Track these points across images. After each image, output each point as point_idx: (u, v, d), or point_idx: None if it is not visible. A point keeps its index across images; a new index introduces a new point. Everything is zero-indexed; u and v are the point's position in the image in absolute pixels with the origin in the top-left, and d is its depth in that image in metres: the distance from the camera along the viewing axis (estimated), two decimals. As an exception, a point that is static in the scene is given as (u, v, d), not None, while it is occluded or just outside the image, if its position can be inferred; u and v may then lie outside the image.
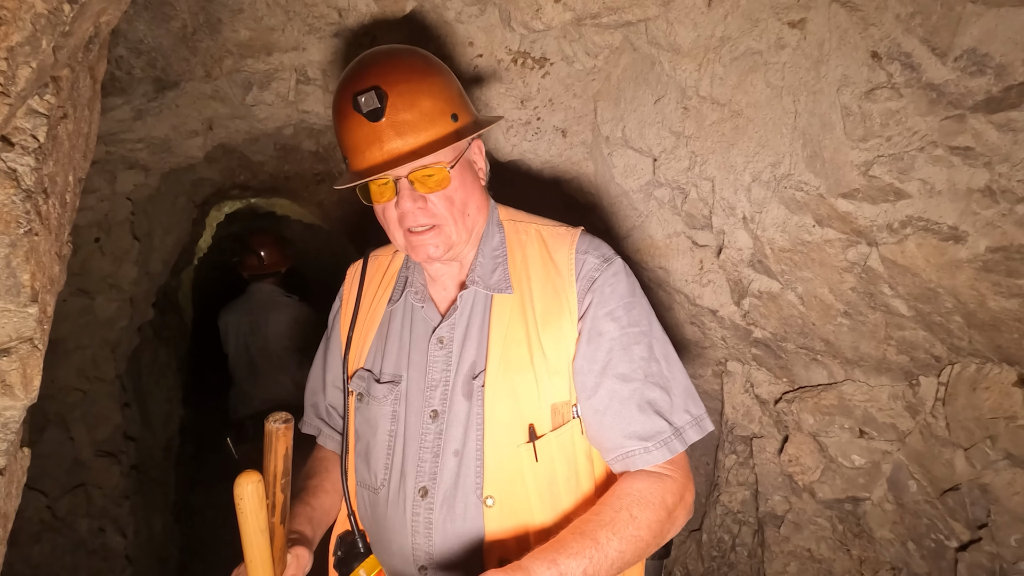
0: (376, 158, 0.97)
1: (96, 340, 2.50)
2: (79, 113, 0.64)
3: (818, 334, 1.63)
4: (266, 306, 3.19)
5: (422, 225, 1.01)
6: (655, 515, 0.94)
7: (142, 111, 1.63)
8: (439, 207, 1.01)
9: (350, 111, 0.96)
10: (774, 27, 1.36)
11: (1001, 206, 1.13)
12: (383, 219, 1.06)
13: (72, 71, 0.59)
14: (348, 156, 1.01)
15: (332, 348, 1.24)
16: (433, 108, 0.98)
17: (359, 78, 0.97)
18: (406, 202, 0.99)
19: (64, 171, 0.62)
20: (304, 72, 1.61)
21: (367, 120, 0.95)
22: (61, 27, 0.53)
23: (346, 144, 1.00)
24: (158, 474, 3.50)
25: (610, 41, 1.61)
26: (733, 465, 2.06)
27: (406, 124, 0.96)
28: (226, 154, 2.82)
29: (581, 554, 0.86)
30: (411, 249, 1.04)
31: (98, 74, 0.70)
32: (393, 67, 0.98)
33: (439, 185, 1.00)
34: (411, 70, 0.99)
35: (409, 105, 0.96)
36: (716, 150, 1.60)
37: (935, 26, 1.11)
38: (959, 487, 1.40)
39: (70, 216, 0.67)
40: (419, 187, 0.99)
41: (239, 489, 0.81)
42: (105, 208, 2.12)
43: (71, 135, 0.61)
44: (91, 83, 0.66)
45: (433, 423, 1.05)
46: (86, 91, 0.65)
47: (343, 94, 0.98)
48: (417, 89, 0.97)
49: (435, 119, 0.98)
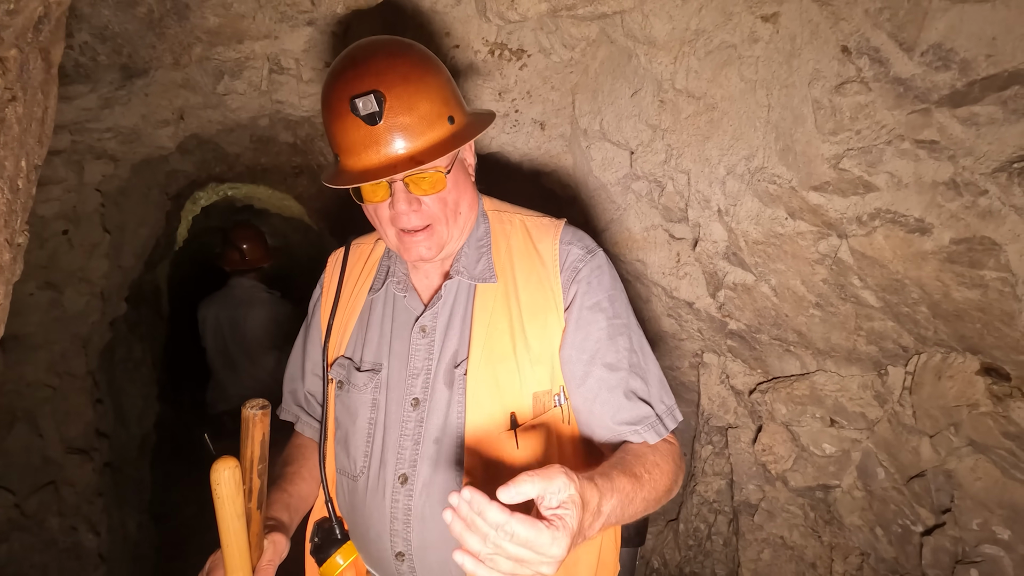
0: (372, 161, 0.96)
1: (66, 335, 2.44)
2: (30, 96, 0.62)
3: (791, 325, 1.66)
4: (246, 301, 3.15)
5: (415, 226, 1.01)
6: (671, 468, 0.98)
7: (110, 99, 1.59)
8: (433, 208, 1.02)
9: (345, 112, 0.94)
10: (748, 21, 1.37)
11: (964, 199, 1.15)
12: (374, 217, 1.05)
13: (21, 52, 0.57)
14: (341, 154, 0.99)
15: (312, 335, 1.24)
16: (431, 111, 0.97)
17: (356, 79, 0.94)
18: (401, 204, 0.99)
19: (15, 156, 0.60)
20: (277, 61, 1.59)
21: (364, 123, 0.94)
22: (5, 4, 0.52)
23: (340, 143, 0.98)
24: (133, 471, 3.44)
25: (587, 33, 1.61)
26: (709, 455, 2.09)
27: (404, 128, 0.95)
28: (200, 145, 2.77)
29: (624, 488, 0.86)
30: (404, 250, 1.05)
31: (53, 57, 0.68)
32: (390, 67, 0.95)
33: (435, 188, 1.00)
34: (409, 70, 0.96)
35: (407, 108, 0.94)
36: (692, 143, 1.61)
37: (903, 21, 1.13)
38: (924, 474, 1.43)
39: (24, 203, 0.65)
40: (414, 189, 0.99)
41: (216, 474, 0.81)
42: (73, 199, 2.07)
43: (21, 118, 0.59)
44: (44, 65, 0.64)
45: (414, 411, 1.05)
46: (38, 73, 0.63)
47: (338, 94, 0.95)
48: (415, 91, 0.95)
49: (432, 122, 0.97)
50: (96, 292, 2.46)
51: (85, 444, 2.62)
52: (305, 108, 1.85)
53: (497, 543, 0.65)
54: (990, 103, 1.07)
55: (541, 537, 0.66)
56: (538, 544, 0.66)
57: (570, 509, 0.70)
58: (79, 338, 2.52)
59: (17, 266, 0.67)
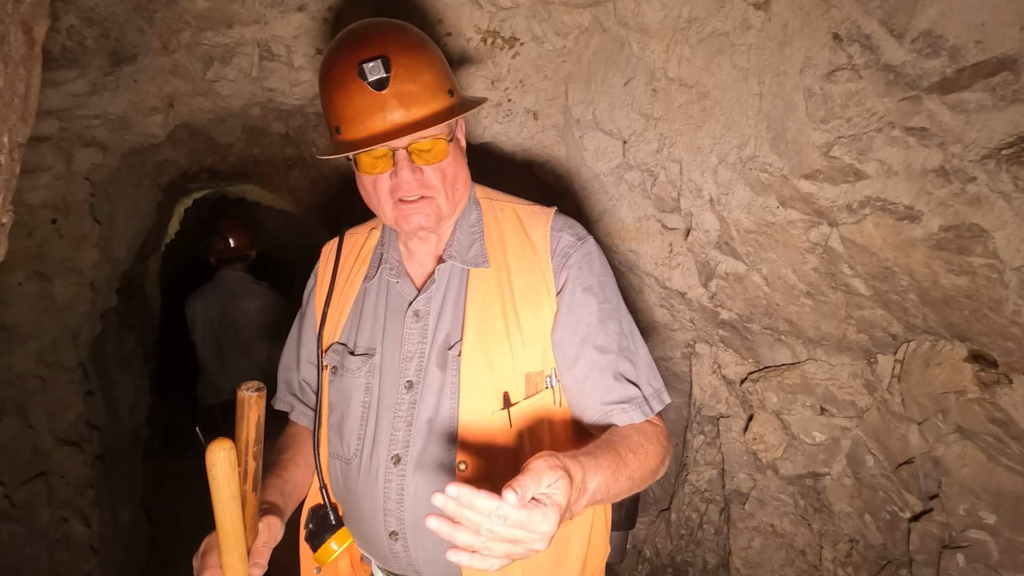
0: (378, 127, 0.97)
1: (56, 326, 2.42)
2: (12, 70, 0.61)
3: (782, 315, 1.67)
4: (235, 293, 3.13)
5: (414, 195, 1.03)
6: (657, 448, 1.01)
7: (98, 85, 1.57)
8: (433, 179, 1.03)
9: (353, 79, 0.96)
10: (740, 8, 1.37)
11: (953, 186, 1.16)
12: (372, 190, 1.05)
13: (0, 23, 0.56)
14: (343, 125, 1.00)
15: (306, 325, 1.25)
16: (433, 82, 0.99)
17: (363, 46, 0.97)
18: (404, 172, 1.00)
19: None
20: (268, 48, 1.57)
21: (371, 89, 0.96)
22: (-17, -26, 0.51)
23: (344, 113, 0.99)
24: (125, 464, 3.43)
25: (579, 21, 1.61)
26: (701, 445, 2.10)
27: (409, 95, 0.97)
28: (192, 135, 2.74)
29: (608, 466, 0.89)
30: (402, 219, 1.05)
31: (36, 34, 0.67)
32: (396, 38, 0.99)
33: (436, 157, 1.02)
34: (412, 42, 1.00)
35: (413, 77, 0.97)
36: (684, 132, 1.61)
37: (893, 8, 1.13)
38: (913, 460, 1.45)
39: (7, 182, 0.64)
40: (417, 158, 1.01)
41: (211, 456, 0.81)
42: (61, 188, 2.05)
43: (2, 92, 0.58)
44: (26, 39, 0.63)
45: (408, 393, 1.07)
46: (19, 47, 0.62)
47: (344, 61, 0.97)
48: (419, 62, 0.98)
49: (435, 92, 0.99)
50: (86, 283, 2.44)
51: (76, 436, 2.60)
52: (296, 96, 1.84)
53: (491, 529, 0.67)
54: (979, 89, 1.08)
55: (532, 515, 0.68)
56: (530, 523, 0.68)
57: (559, 489, 0.72)
58: (69, 329, 2.50)
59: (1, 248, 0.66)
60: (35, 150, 1.77)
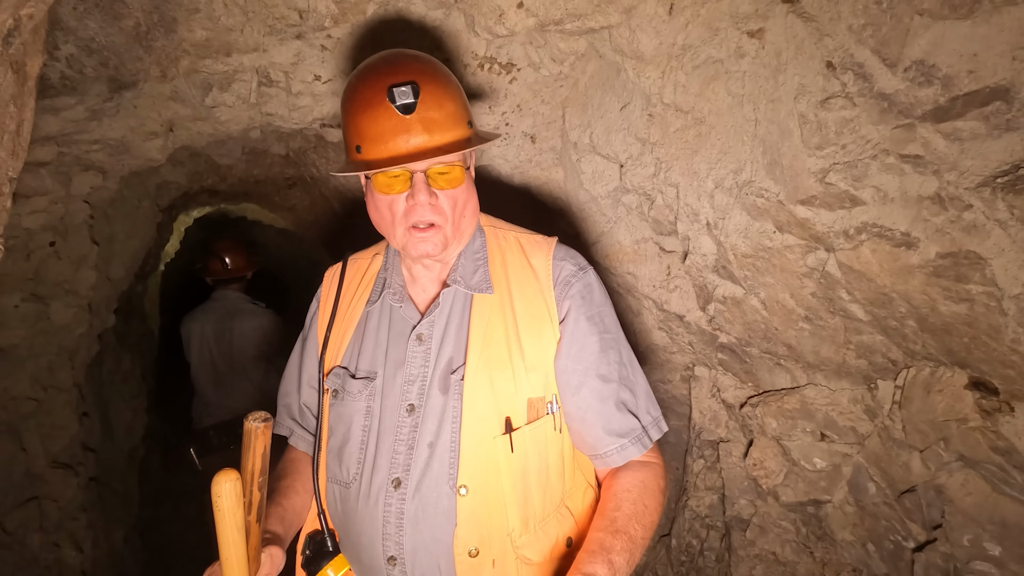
0: (400, 149, 1.00)
1: (52, 347, 2.41)
2: (1, 110, 0.61)
3: (781, 339, 1.65)
4: (231, 313, 3.12)
5: (425, 222, 1.05)
6: (658, 500, 1.06)
7: (97, 111, 1.58)
8: (445, 206, 1.06)
9: (381, 101, 0.99)
10: (734, 36, 1.38)
11: (950, 213, 1.16)
12: (385, 211, 1.07)
13: (-10, 66, 0.57)
14: (365, 144, 1.02)
15: (308, 349, 1.26)
16: (456, 111, 1.04)
17: (394, 71, 1.01)
18: (420, 195, 1.02)
19: (-16, 168, 0.59)
20: (266, 74, 1.58)
21: (397, 112, 0.99)
22: (-29, 19, 0.51)
23: (367, 133, 1.01)
24: (120, 485, 3.39)
25: (575, 48, 1.62)
26: (701, 470, 2.07)
27: (434, 122, 1.01)
28: (192, 157, 2.76)
29: (624, 550, 0.96)
30: (411, 244, 1.07)
31: (29, 69, 0.67)
32: (423, 68, 1.03)
33: (452, 183, 1.04)
34: (439, 73, 1.05)
35: (438, 104, 1.01)
36: (680, 157, 1.62)
37: (885, 37, 1.14)
38: (915, 489, 1.42)
39: None
40: (434, 183, 1.03)
41: (217, 487, 0.82)
42: (60, 211, 2.05)
43: (-9, 131, 0.59)
44: (16, 78, 0.63)
45: (409, 417, 1.07)
46: (9, 87, 0.62)
47: (374, 83, 1.01)
48: (445, 91, 1.03)
49: (457, 122, 1.04)
50: (83, 304, 2.44)
51: (70, 459, 2.58)
52: (295, 121, 1.85)
53: None
54: (973, 118, 1.08)
55: None
56: None
57: None
58: (66, 350, 2.49)
59: (-11, 280, 0.65)
60: (33, 175, 1.77)
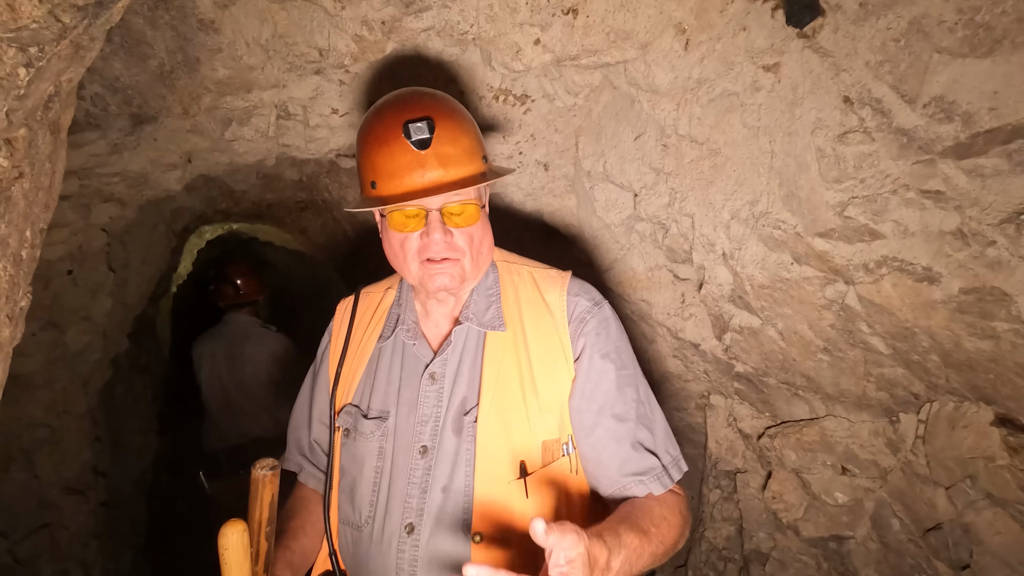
0: (416, 184, 1.00)
1: (66, 374, 2.42)
2: (38, 169, 0.62)
3: (799, 370, 1.63)
4: (242, 337, 3.13)
5: (443, 256, 1.04)
6: (678, 520, 1.01)
7: (118, 145, 1.61)
8: (462, 242, 1.05)
9: (396, 136, 0.99)
10: (749, 70, 1.38)
11: (972, 248, 1.14)
12: (399, 249, 1.06)
13: (30, 130, 0.58)
14: (380, 180, 1.02)
15: (319, 383, 1.24)
16: (471, 147, 1.04)
17: (410, 108, 1.02)
18: (435, 233, 1.02)
19: (19, 230, 0.60)
20: (285, 108, 1.61)
21: (413, 148, 0.99)
22: (16, 91, 0.52)
23: (383, 168, 1.01)
24: (129, 509, 3.38)
25: (590, 80, 1.63)
26: (718, 500, 2.04)
27: (448, 157, 1.01)
28: (207, 183, 2.79)
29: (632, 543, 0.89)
30: (427, 278, 1.06)
31: (62, 124, 0.69)
32: (439, 104, 1.04)
33: (467, 221, 1.04)
34: (454, 110, 1.05)
35: (453, 140, 1.01)
36: (695, 187, 1.62)
37: (903, 74, 1.14)
38: (941, 526, 1.39)
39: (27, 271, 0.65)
40: (448, 221, 1.03)
41: (224, 539, 0.80)
42: (79, 240, 2.08)
43: (28, 193, 0.60)
44: (52, 138, 0.64)
45: (422, 459, 1.05)
46: (46, 147, 0.63)
47: (390, 120, 1.01)
48: (460, 127, 1.04)
49: (471, 157, 1.04)
50: (99, 331, 2.45)
51: (81, 484, 2.58)
52: (312, 151, 1.87)
53: None
54: (995, 155, 1.07)
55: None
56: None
57: (577, 568, 0.73)
58: (80, 377, 2.50)
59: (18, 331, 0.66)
60: (55, 206, 1.80)
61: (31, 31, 0.53)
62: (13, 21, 0.51)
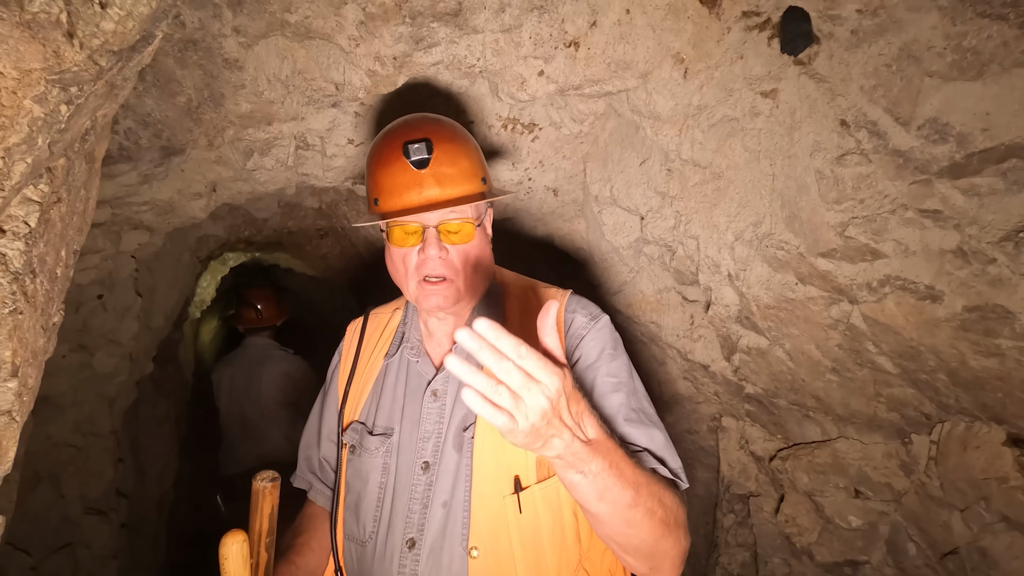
0: (413, 201, 1.06)
1: (93, 395, 2.50)
2: (73, 195, 0.68)
3: (808, 390, 1.63)
4: (261, 360, 3.18)
5: (437, 276, 1.08)
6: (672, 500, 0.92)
7: (148, 176, 1.70)
8: (456, 260, 1.09)
9: (397, 157, 1.06)
10: (748, 96, 1.42)
11: (973, 267, 1.15)
12: (399, 265, 1.11)
13: (68, 160, 0.64)
14: (382, 197, 1.08)
15: (329, 402, 1.28)
16: (469, 168, 1.09)
17: (411, 130, 1.08)
18: (431, 249, 1.06)
19: (55, 249, 0.66)
20: (303, 139, 1.69)
21: (412, 167, 1.05)
22: (58, 126, 0.58)
23: (384, 186, 1.08)
24: (149, 530, 3.42)
25: (594, 108, 1.69)
26: (732, 525, 2.01)
27: (446, 176, 1.06)
28: (231, 212, 2.90)
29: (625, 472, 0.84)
30: (422, 297, 1.10)
31: (97, 155, 0.75)
32: (439, 128, 1.10)
33: (463, 239, 1.08)
34: (454, 133, 1.11)
35: (451, 161, 1.07)
36: (700, 210, 1.65)
37: (897, 97, 1.17)
38: (958, 551, 1.36)
39: (61, 288, 0.71)
40: (444, 238, 1.07)
41: (224, 549, 0.83)
42: (109, 267, 2.17)
43: (64, 216, 0.66)
44: (87, 167, 0.71)
45: (424, 475, 1.07)
46: (81, 175, 0.70)
47: (392, 141, 1.08)
48: (459, 149, 1.09)
49: (470, 177, 1.09)
50: (125, 354, 2.54)
51: (104, 505, 2.63)
52: (329, 180, 1.95)
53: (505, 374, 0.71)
54: (990, 175, 1.09)
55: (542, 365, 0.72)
56: (537, 370, 0.71)
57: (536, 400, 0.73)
58: (106, 398, 2.58)
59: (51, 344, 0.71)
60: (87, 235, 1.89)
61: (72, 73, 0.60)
62: (58, 65, 0.57)
